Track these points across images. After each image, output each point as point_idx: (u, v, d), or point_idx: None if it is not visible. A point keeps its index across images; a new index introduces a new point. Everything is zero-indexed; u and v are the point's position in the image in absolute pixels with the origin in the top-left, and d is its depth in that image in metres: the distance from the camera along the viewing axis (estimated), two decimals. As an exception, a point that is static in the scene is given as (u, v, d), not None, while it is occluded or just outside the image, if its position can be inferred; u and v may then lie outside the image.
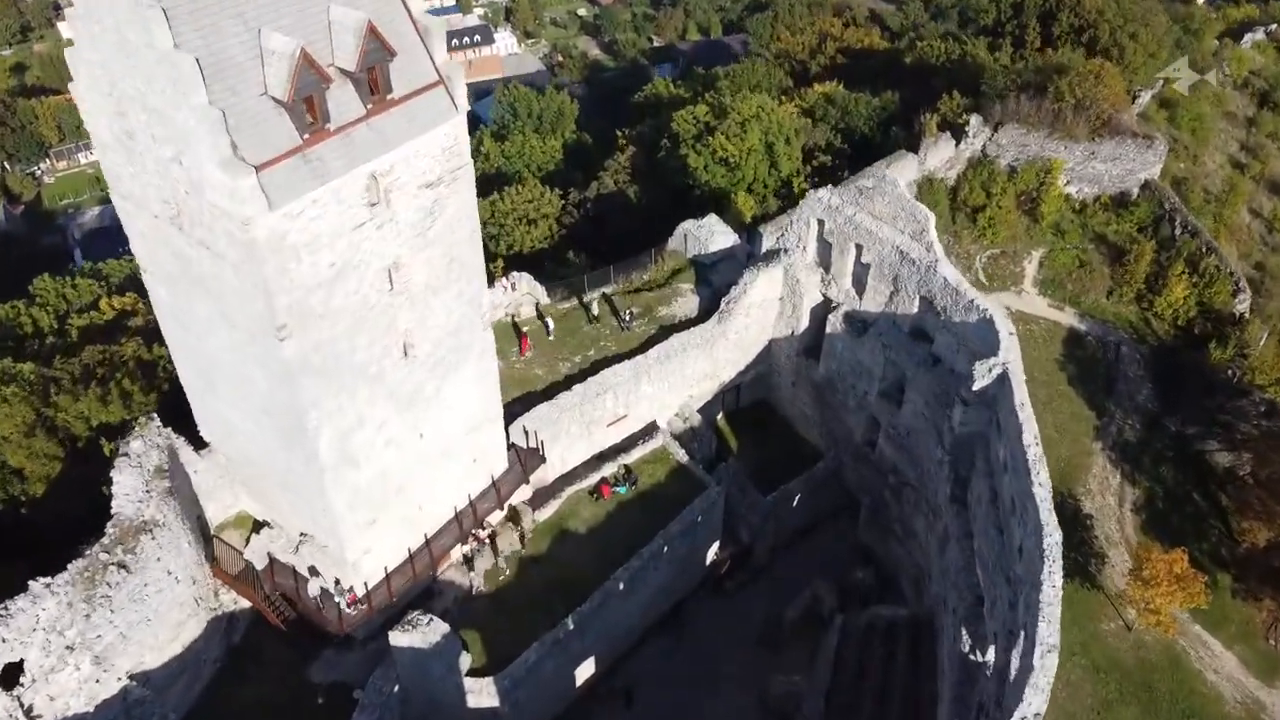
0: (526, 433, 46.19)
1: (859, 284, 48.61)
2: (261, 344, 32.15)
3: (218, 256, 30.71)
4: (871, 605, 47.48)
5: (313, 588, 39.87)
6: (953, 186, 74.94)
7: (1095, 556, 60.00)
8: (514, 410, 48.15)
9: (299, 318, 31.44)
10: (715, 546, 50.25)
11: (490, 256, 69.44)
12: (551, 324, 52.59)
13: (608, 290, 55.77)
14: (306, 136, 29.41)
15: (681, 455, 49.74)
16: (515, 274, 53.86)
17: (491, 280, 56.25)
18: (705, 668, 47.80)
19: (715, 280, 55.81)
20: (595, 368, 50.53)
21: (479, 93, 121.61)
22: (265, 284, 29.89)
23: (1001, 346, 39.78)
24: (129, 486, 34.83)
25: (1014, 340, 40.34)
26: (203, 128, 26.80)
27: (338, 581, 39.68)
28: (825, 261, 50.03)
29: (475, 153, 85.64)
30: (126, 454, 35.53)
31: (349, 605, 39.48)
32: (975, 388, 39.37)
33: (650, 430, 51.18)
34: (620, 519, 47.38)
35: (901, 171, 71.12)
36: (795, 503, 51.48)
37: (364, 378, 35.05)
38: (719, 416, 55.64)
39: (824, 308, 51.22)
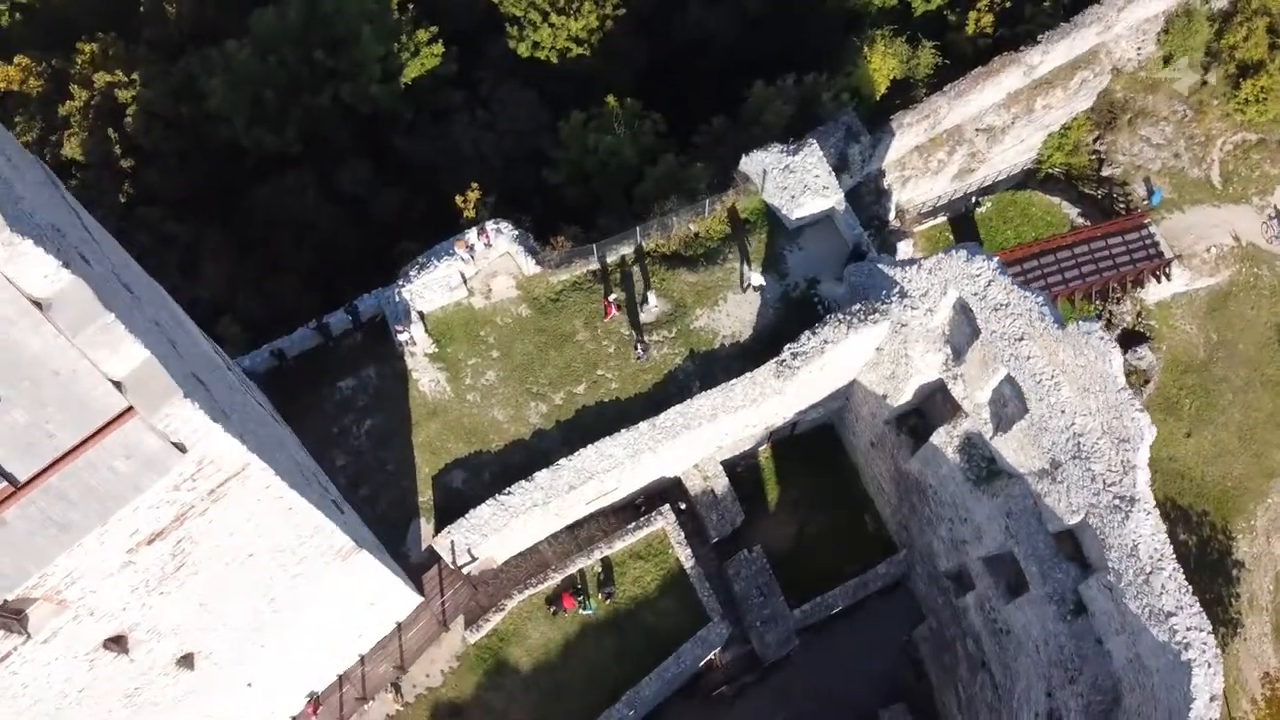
0: (455, 550, 32.26)
1: (1000, 410, 30.20)
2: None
3: None
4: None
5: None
6: (1218, 16, 48.50)
7: (1225, 623, 46.22)
8: (449, 482, 33.97)
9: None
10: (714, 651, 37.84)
11: (498, 66, 48.48)
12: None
13: (628, 251, 37.18)
14: None
15: (686, 556, 35.50)
16: (493, 225, 35.49)
17: (457, 220, 38.40)
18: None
19: (794, 266, 36.66)
20: (581, 418, 34.63)
21: None
22: None
23: (1191, 734, 23.51)
24: None
25: (1215, 723, 23.83)
26: None
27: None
28: (957, 342, 30.97)
29: None
30: None
31: None
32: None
33: (647, 504, 36.50)
34: (581, 651, 34.75)
35: (1143, 4, 45.53)
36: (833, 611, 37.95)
37: (106, 731, 21.61)
38: (763, 450, 39.75)
39: (938, 384, 33.06)
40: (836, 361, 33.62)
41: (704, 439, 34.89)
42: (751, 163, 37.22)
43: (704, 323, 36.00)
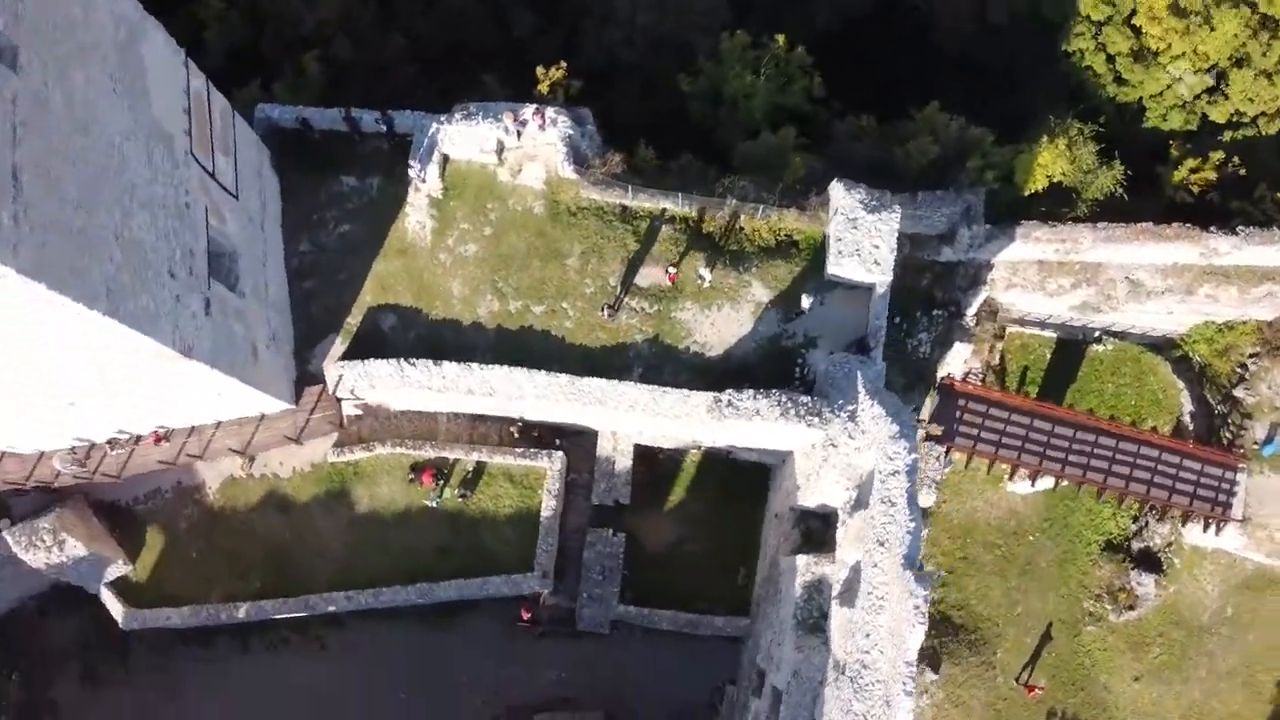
0: (339, 383, 33.10)
1: (852, 582, 28.09)
2: None
3: None
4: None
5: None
6: None
7: None
8: (379, 320, 34.75)
9: None
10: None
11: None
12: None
13: (668, 206, 34.95)
14: None
15: (549, 507, 35.52)
16: (553, 113, 33.88)
17: (530, 88, 36.78)
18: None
19: (808, 310, 33.90)
20: (521, 336, 34.16)
21: None
22: None
23: None
24: None
25: None
26: None
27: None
28: (863, 494, 28.53)
29: None
30: None
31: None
32: None
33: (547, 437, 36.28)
34: (413, 527, 35.89)
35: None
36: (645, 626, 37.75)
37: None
38: (693, 453, 38.25)
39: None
40: (768, 432, 31.75)
41: (619, 420, 34.09)
42: (835, 192, 33.85)
43: (687, 317, 34.24)
